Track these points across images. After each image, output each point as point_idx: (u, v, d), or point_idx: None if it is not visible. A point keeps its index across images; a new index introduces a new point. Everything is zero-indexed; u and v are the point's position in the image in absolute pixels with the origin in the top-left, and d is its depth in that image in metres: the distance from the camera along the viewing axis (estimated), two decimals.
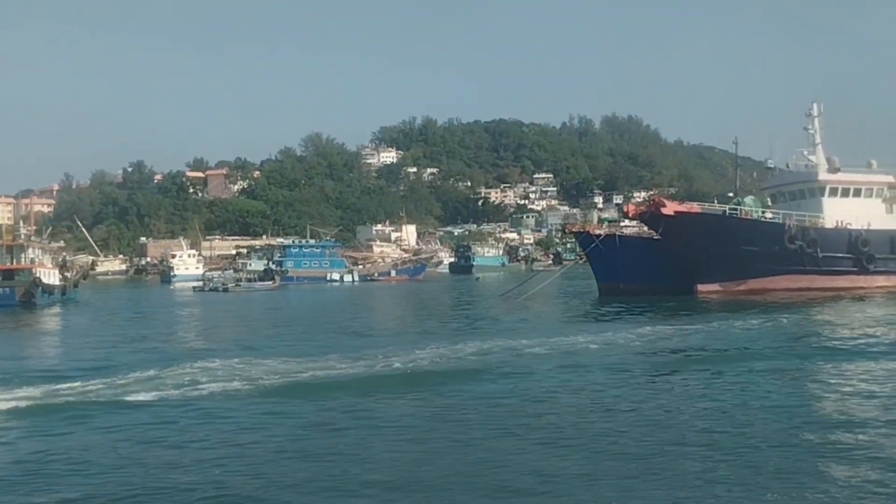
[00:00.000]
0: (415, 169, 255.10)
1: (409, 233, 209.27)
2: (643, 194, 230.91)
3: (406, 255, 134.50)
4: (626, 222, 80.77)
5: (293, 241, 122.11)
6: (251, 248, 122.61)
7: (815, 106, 66.12)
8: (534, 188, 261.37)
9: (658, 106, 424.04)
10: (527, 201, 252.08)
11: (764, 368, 24.84)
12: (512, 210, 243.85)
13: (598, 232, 66.56)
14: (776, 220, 61.76)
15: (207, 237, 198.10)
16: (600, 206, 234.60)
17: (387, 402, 20.09)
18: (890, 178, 65.92)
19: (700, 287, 61.32)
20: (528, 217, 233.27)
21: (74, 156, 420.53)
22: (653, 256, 62.52)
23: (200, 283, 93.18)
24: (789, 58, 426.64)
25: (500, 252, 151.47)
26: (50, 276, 71.06)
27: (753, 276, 61.45)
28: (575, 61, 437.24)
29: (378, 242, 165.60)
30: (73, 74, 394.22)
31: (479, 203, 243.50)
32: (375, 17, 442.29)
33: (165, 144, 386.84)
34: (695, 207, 65.29)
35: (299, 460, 14.91)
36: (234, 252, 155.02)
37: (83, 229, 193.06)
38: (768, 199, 68.04)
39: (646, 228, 68.91)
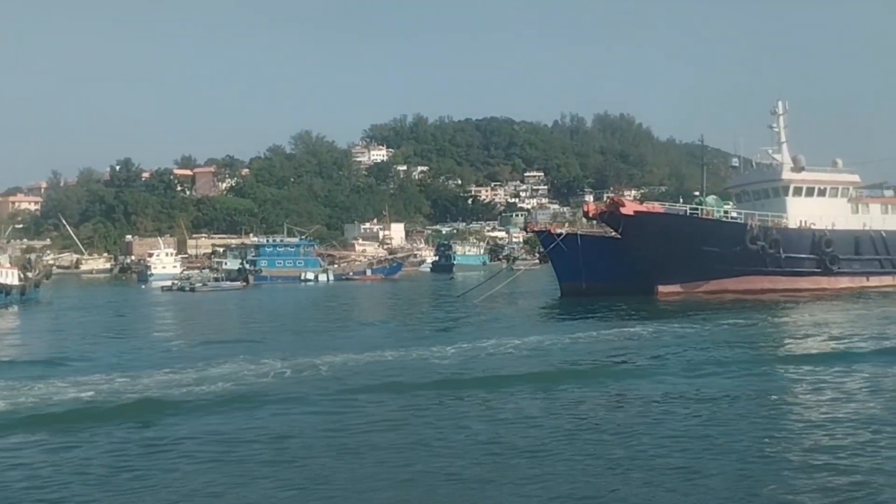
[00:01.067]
0: (405, 167, 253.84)
1: (397, 231, 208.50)
2: (634, 192, 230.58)
3: (382, 255, 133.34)
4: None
5: (268, 240, 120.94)
6: (227, 247, 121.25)
7: (779, 104, 65.28)
8: (524, 186, 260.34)
9: (650, 104, 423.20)
10: (517, 199, 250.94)
11: (651, 385, 23.33)
12: (501, 208, 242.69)
13: (559, 231, 65.57)
14: (738, 220, 60.78)
15: (193, 235, 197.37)
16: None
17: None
18: (855, 178, 65.03)
19: (661, 288, 60.47)
20: (517, 215, 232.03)
21: (63, 153, 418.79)
22: (614, 257, 61.52)
23: (169, 284, 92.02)
24: (786, 57, 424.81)
25: (482, 251, 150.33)
26: (7, 276, 70.08)
27: (714, 277, 60.55)
28: (568, 59, 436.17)
29: (360, 241, 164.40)
30: (62, 71, 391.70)
31: (469, 201, 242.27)
32: (369, 16, 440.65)
33: (154, 142, 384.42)
34: (656, 207, 64.39)
35: None
36: (211, 251, 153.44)
37: (67, 227, 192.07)
38: (733, 199, 67.14)
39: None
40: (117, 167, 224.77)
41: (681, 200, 71.05)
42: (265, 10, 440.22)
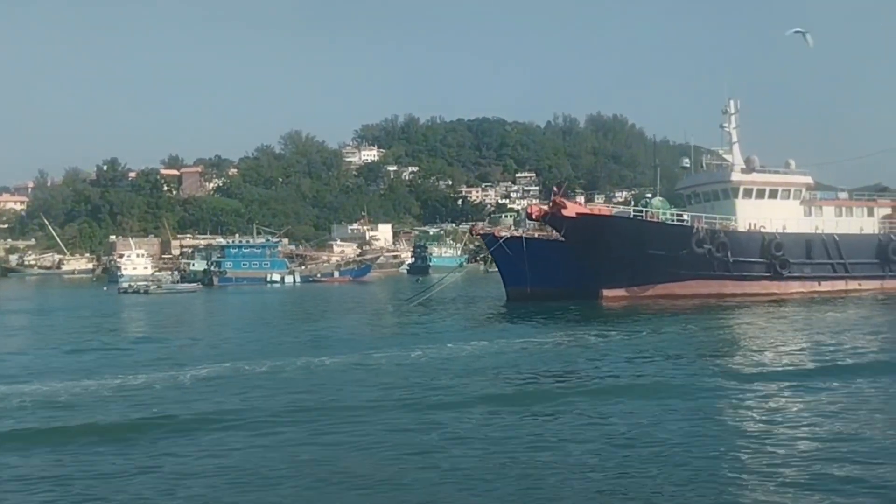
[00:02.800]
0: (395, 167, 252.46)
1: (384, 232, 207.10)
2: (625, 193, 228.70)
3: (351, 256, 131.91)
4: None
5: (232, 241, 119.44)
6: (195, 248, 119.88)
7: (731, 103, 63.51)
8: (515, 187, 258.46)
9: (643, 105, 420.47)
10: (507, 200, 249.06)
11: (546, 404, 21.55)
12: (491, 209, 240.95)
13: (503, 234, 63.95)
14: (684, 223, 59.04)
15: (179, 236, 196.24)
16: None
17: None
18: (808, 179, 63.23)
19: (605, 292, 58.82)
20: (506, 216, 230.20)
21: (50, 153, 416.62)
22: (559, 260, 59.97)
23: (126, 286, 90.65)
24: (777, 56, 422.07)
25: (459, 252, 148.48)
26: None
27: (661, 282, 58.82)
28: (561, 60, 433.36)
29: (338, 242, 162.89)
30: (50, 70, 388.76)
31: (459, 202, 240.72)
32: (362, 16, 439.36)
33: (142, 142, 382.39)
34: (602, 209, 62.79)
35: None
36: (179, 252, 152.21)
37: (49, 227, 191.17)
38: (684, 201, 65.52)
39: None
40: (104, 167, 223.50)
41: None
42: (259, 9, 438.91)
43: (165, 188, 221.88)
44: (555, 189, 62.48)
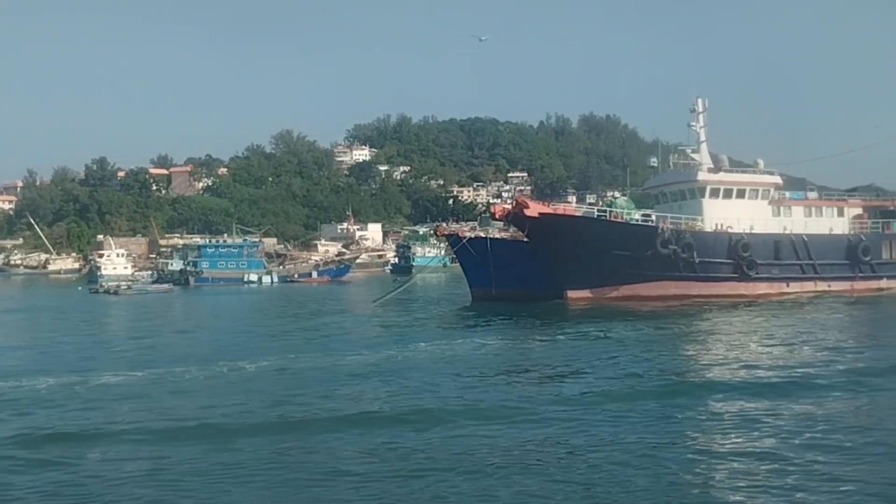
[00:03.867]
0: (386, 167, 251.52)
1: (374, 232, 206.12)
2: (616, 193, 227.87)
3: (329, 256, 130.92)
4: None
5: (209, 241, 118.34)
6: (173, 248, 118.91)
7: (699, 101, 62.69)
8: (507, 187, 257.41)
9: (636, 105, 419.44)
10: (499, 200, 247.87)
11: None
12: (482, 209, 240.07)
13: (467, 234, 63.01)
14: (649, 223, 58.08)
15: (167, 235, 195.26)
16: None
17: None
18: (777, 179, 62.27)
19: (570, 293, 57.95)
20: None
21: (40, 152, 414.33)
22: (523, 261, 59.13)
23: (97, 286, 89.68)
24: (771, 57, 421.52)
25: (443, 252, 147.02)
26: None
27: (626, 282, 57.89)
28: (554, 60, 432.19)
29: (323, 242, 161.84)
30: (40, 69, 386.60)
31: (450, 202, 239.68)
32: (355, 14, 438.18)
33: (132, 141, 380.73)
34: (568, 209, 61.94)
35: None
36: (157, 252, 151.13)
37: (35, 226, 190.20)
38: (652, 201, 64.63)
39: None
40: (93, 166, 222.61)
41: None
42: (252, 8, 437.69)
43: (154, 188, 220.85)
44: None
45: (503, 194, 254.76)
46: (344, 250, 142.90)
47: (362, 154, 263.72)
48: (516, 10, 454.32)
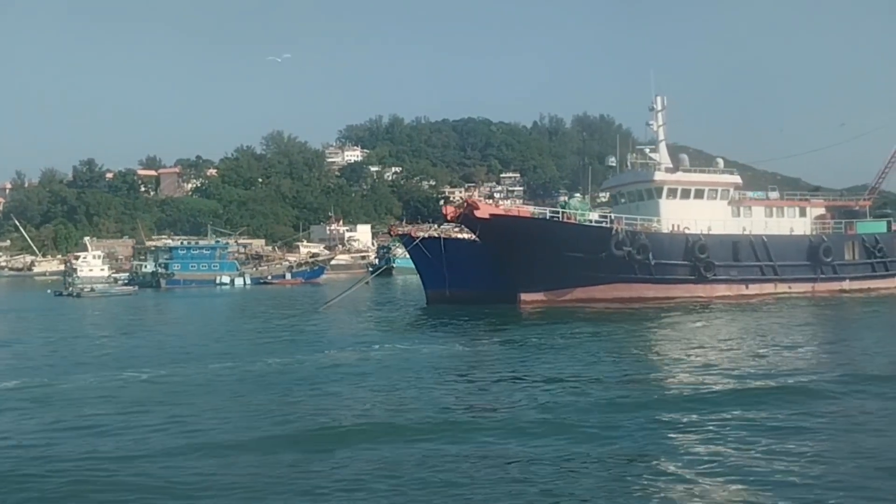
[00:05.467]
0: (377, 168, 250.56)
1: (364, 233, 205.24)
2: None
3: (304, 257, 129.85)
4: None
5: (181, 242, 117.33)
6: (147, 250, 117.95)
7: (658, 100, 61.47)
8: (500, 187, 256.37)
9: (631, 105, 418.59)
10: (491, 201, 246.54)
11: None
12: None
13: (420, 234, 61.80)
14: (602, 225, 56.83)
15: (154, 237, 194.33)
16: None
17: None
18: (736, 179, 61.02)
19: (523, 296, 56.72)
20: None
21: (28, 154, 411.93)
22: (476, 262, 57.89)
23: (61, 289, 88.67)
24: (764, 58, 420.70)
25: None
26: None
27: (580, 285, 56.59)
28: (548, 60, 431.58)
29: (305, 243, 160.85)
30: (28, 70, 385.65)
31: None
32: (347, 15, 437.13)
33: (121, 143, 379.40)
34: (522, 210, 60.75)
35: None
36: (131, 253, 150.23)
37: (21, 228, 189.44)
38: (610, 201, 63.46)
39: None
40: (81, 168, 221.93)
41: None
42: (244, 8, 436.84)
43: (143, 189, 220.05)
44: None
45: (495, 195, 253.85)
46: (317, 251, 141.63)
47: (354, 155, 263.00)
48: (509, 8, 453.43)
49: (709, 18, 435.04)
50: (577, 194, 77.07)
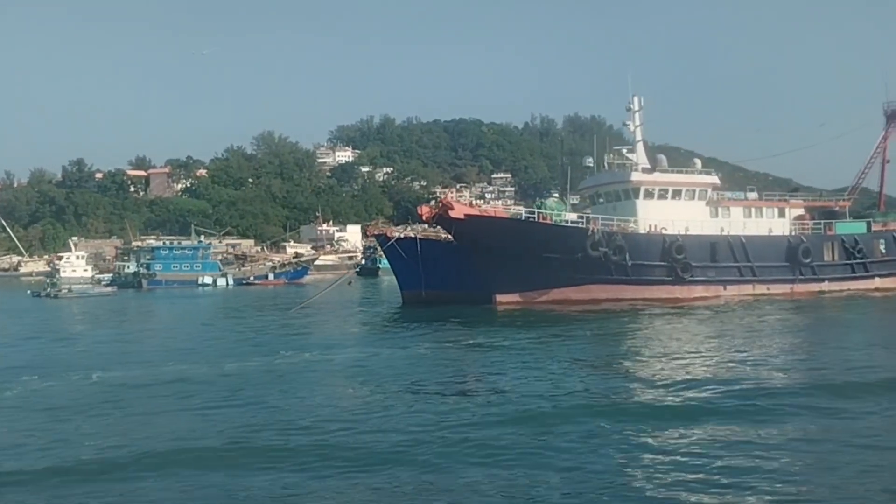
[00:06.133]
0: (368, 168, 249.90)
1: (354, 233, 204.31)
2: (555, 194, 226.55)
3: (285, 258, 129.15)
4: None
5: (164, 243, 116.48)
6: (130, 250, 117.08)
7: (635, 100, 61.02)
8: (491, 188, 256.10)
9: (621, 106, 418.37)
10: (482, 201, 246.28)
11: None
12: None
13: (396, 234, 61.25)
14: (579, 225, 56.29)
15: (142, 237, 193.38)
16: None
17: None
18: (714, 179, 60.52)
19: (499, 297, 56.22)
20: None
21: (17, 154, 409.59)
22: (452, 263, 57.36)
23: (38, 289, 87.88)
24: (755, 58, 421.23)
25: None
26: None
27: (556, 286, 56.11)
28: (539, 61, 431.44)
29: (292, 243, 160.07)
30: (17, 70, 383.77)
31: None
32: (340, 15, 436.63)
33: (111, 143, 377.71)
34: (498, 211, 60.22)
35: None
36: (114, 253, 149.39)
37: (7, 229, 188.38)
38: (587, 202, 63.00)
39: None
40: (70, 168, 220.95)
41: None
42: (235, 9, 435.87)
43: (132, 189, 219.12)
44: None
45: (486, 195, 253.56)
46: (302, 252, 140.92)
47: (345, 155, 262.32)
48: (497, 9, 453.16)
49: (700, 18, 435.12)
50: (556, 194, 76.18)
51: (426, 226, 62.57)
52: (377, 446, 16.85)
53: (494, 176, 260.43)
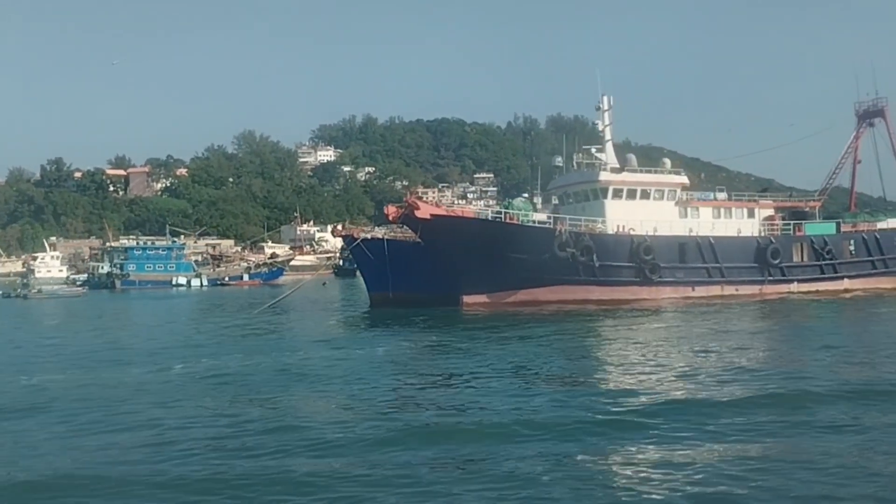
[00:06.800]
0: (350, 168, 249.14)
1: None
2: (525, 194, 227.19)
3: (261, 258, 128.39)
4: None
5: (137, 243, 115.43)
6: (104, 250, 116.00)
7: (604, 99, 60.70)
8: (473, 188, 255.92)
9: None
10: (464, 201, 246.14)
11: None
12: None
13: (363, 235, 60.66)
14: (546, 226, 55.86)
15: (121, 237, 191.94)
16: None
17: None
18: (683, 180, 60.22)
19: (466, 298, 55.63)
20: None
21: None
22: (419, 264, 56.71)
23: (14, 290, 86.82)
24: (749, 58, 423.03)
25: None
26: None
27: (524, 287, 55.68)
28: (522, 61, 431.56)
29: (270, 244, 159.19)
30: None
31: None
32: (322, 14, 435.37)
33: (90, 142, 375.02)
34: (466, 211, 59.71)
35: None
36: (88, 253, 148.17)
37: None
38: (556, 201, 62.64)
39: None
40: (48, 167, 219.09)
41: None
42: (219, 7, 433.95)
43: (112, 189, 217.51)
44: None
45: (468, 195, 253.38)
46: (276, 252, 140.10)
47: (327, 155, 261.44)
48: (482, 10, 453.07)
49: (681, 18, 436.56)
50: (526, 195, 75.89)
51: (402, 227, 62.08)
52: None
53: (477, 176, 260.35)
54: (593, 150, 60.24)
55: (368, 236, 60.27)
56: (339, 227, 68.60)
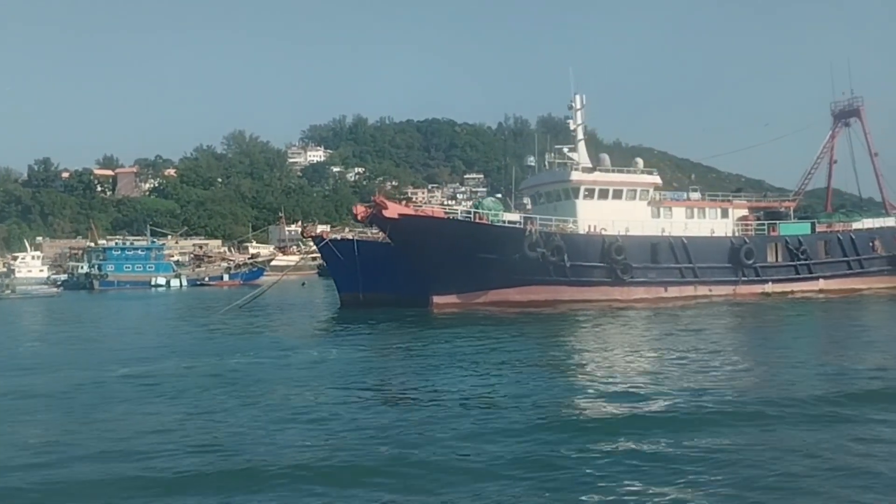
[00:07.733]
0: (340, 168, 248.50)
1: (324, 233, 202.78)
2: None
3: (241, 259, 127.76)
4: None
5: (115, 243, 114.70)
6: (84, 250, 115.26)
7: (577, 98, 60.26)
8: (463, 188, 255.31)
9: (596, 107, 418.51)
10: (453, 202, 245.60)
11: None
12: None
13: (333, 236, 60.13)
14: (516, 225, 55.31)
15: (109, 237, 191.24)
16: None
17: None
18: (656, 179, 59.76)
19: (436, 299, 55.09)
20: None
21: None
22: (390, 264, 56.24)
23: None
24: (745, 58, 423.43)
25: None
26: None
27: (494, 287, 55.15)
28: (516, 62, 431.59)
29: (254, 244, 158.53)
30: None
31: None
32: (312, 14, 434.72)
33: (79, 142, 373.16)
34: (436, 210, 59.18)
35: None
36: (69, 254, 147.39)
37: None
38: (528, 201, 62.17)
39: None
40: (36, 167, 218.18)
41: None
42: (209, 7, 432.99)
43: (99, 189, 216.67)
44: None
45: (458, 196, 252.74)
46: (257, 252, 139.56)
47: (316, 155, 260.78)
48: (473, 11, 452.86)
49: (669, 19, 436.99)
50: (499, 194, 75.36)
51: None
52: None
53: (467, 176, 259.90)
54: (565, 150, 59.70)
55: (338, 237, 59.66)
56: (309, 227, 67.87)
